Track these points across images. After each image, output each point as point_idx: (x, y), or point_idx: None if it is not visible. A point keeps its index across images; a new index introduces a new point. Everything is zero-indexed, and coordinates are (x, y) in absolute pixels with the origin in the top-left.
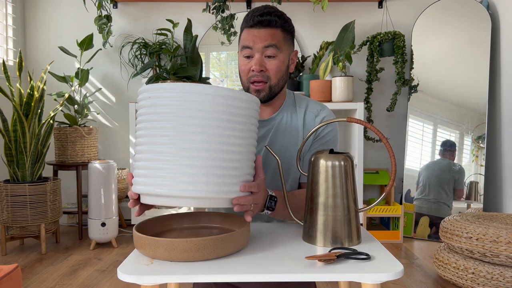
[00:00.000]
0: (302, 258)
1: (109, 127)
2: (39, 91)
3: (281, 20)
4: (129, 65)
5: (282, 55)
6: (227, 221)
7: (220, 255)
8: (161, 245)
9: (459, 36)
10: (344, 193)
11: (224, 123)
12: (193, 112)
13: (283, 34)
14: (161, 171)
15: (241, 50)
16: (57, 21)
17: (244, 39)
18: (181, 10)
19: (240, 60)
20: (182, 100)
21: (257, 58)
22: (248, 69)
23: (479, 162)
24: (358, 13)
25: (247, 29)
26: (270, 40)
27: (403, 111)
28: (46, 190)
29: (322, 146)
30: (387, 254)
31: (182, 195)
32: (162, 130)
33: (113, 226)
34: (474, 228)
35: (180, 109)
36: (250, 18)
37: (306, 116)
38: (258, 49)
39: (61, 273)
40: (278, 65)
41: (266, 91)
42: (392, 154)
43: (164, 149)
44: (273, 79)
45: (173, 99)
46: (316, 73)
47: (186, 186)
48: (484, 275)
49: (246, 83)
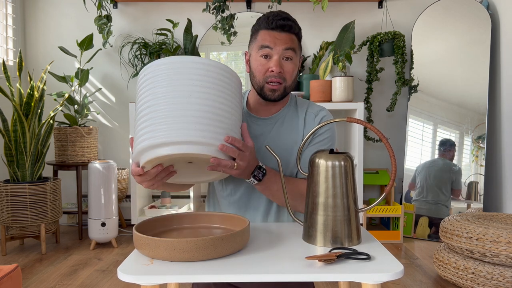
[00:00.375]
0: (302, 258)
1: (109, 127)
2: (39, 91)
3: (297, 27)
4: (129, 65)
5: (296, 59)
6: (227, 221)
7: (220, 255)
8: (161, 245)
9: (459, 36)
10: (344, 193)
11: (209, 84)
12: (181, 75)
13: (297, 41)
14: (159, 125)
15: (259, 49)
16: (57, 21)
17: (264, 39)
18: (181, 10)
19: (257, 59)
20: (173, 69)
21: (277, 60)
22: (266, 69)
23: (479, 162)
24: (358, 13)
25: (267, 31)
26: (290, 44)
27: (403, 111)
28: (46, 190)
29: (319, 144)
30: (387, 254)
31: (176, 141)
32: (160, 94)
33: (113, 226)
34: (474, 228)
35: (173, 76)
36: (272, 21)
37: (306, 116)
38: (278, 50)
39: (61, 273)
40: (293, 68)
41: (281, 91)
42: (392, 154)
43: (162, 107)
44: (288, 80)
45: (166, 70)
46: (316, 73)
47: (180, 131)
48: (484, 275)
49: (261, 82)
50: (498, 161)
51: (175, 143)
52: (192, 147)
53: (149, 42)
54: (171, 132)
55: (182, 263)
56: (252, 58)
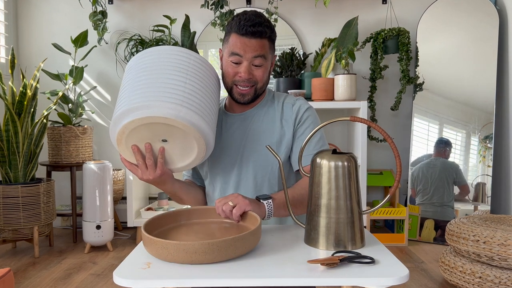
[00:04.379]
0: (304, 262)
1: (104, 126)
2: (32, 90)
3: (269, 30)
4: (124, 63)
5: (267, 63)
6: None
7: (238, 254)
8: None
9: (466, 33)
10: (347, 194)
11: (183, 66)
12: (153, 60)
13: (269, 44)
14: (132, 96)
15: (230, 55)
16: (50, 17)
17: (234, 45)
18: (178, 6)
19: (227, 62)
20: (156, 53)
21: (246, 66)
22: (235, 73)
23: (487, 163)
24: (361, 8)
25: (237, 36)
26: (260, 51)
27: (408, 110)
28: (39, 191)
29: (305, 130)
30: (392, 257)
31: (144, 105)
32: (139, 74)
33: (109, 229)
34: (481, 231)
35: (154, 61)
36: (242, 27)
37: (284, 106)
38: (247, 58)
39: (55, 277)
40: (263, 71)
41: (251, 94)
42: (397, 154)
43: (139, 80)
44: (259, 83)
45: (150, 56)
46: (318, 71)
47: (148, 98)
48: (492, 279)
49: (229, 84)
50: (506, 162)
51: (145, 107)
52: (160, 110)
53: (146, 39)
54: (143, 98)
55: (180, 266)
56: (224, 59)
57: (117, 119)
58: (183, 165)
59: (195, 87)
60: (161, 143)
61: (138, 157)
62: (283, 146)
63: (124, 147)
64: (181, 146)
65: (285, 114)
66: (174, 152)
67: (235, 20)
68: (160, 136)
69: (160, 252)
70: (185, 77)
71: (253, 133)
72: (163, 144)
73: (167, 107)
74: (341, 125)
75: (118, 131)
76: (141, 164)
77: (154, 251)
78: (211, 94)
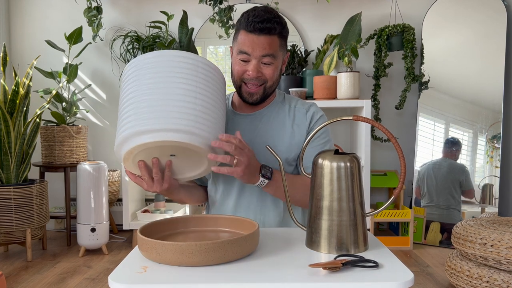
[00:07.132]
0: (305, 266)
1: (99, 126)
2: (24, 88)
3: (279, 27)
4: (120, 60)
5: (277, 61)
6: (234, 224)
7: (231, 258)
8: (169, 249)
9: (472, 29)
10: (350, 196)
11: (192, 77)
12: (164, 68)
13: (280, 41)
14: (142, 114)
15: (238, 53)
16: (44, 13)
17: (242, 43)
18: (176, 1)
19: (236, 60)
20: (158, 62)
21: (254, 65)
22: (243, 71)
23: (494, 163)
24: (365, 4)
25: (246, 33)
26: (268, 49)
27: (413, 108)
28: (32, 193)
29: (316, 138)
30: (396, 261)
31: (158, 128)
32: (144, 85)
33: (104, 232)
34: (489, 234)
35: (157, 69)
36: (251, 23)
37: (296, 112)
38: (256, 56)
39: (48, 282)
40: (274, 70)
41: (260, 93)
42: (401, 155)
43: (145, 98)
44: (269, 82)
45: (151, 63)
46: (320, 69)
47: (161, 120)
48: (500, 283)
49: (238, 82)
50: None
51: (157, 131)
52: (173, 134)
53: (142, 36)
54: (154, 120)
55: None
56: (233, 57)
57: (126, 138)
58: (191, 176)
59: (205, 101)
60: (169, 157)
61: (144, 172)
62: (293, 151)
63: (130, 163)
64: (190, 160)
65: (297, 119)
66: (182, 165)
67: (244, 16)
68: (169, 152)
69: (149, 252)
70: (195, 91)
71: (261, 134)
72: (171, 158)
73: (180, 130)
74: (344, 125)
75: (127, 151)
76: (147, 179)
77: (144, 251)
78: (220, 104)
